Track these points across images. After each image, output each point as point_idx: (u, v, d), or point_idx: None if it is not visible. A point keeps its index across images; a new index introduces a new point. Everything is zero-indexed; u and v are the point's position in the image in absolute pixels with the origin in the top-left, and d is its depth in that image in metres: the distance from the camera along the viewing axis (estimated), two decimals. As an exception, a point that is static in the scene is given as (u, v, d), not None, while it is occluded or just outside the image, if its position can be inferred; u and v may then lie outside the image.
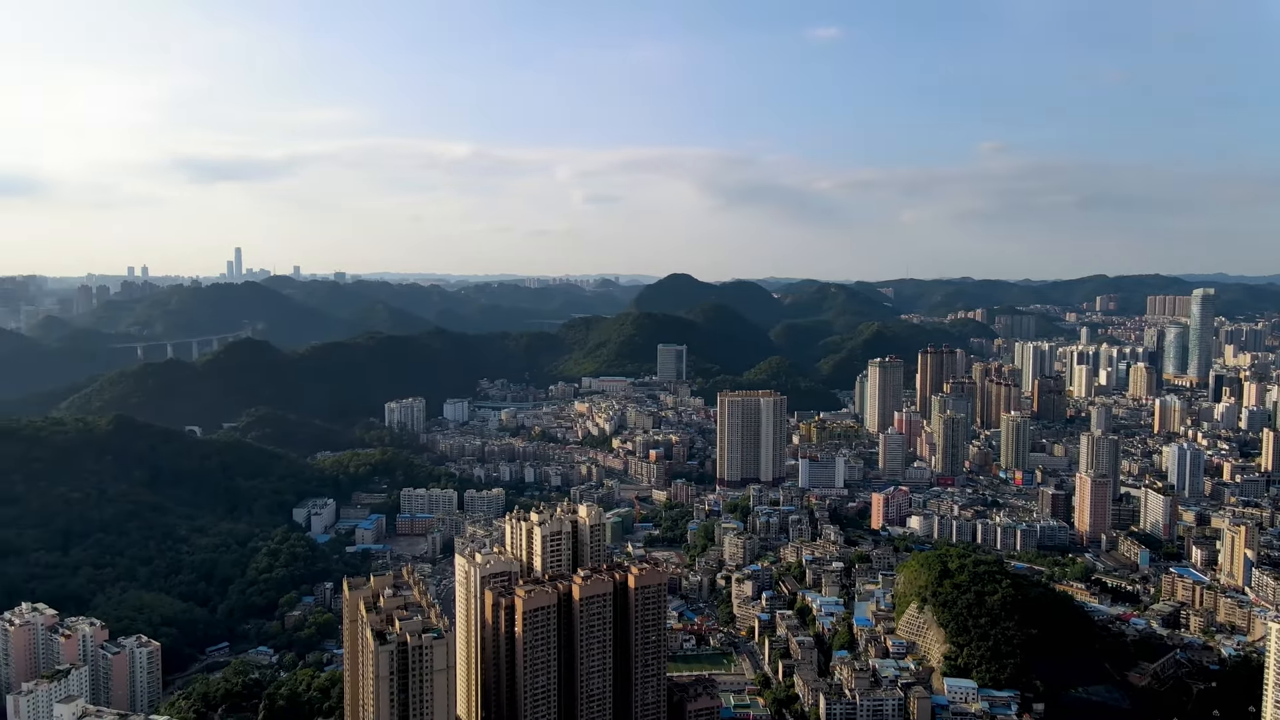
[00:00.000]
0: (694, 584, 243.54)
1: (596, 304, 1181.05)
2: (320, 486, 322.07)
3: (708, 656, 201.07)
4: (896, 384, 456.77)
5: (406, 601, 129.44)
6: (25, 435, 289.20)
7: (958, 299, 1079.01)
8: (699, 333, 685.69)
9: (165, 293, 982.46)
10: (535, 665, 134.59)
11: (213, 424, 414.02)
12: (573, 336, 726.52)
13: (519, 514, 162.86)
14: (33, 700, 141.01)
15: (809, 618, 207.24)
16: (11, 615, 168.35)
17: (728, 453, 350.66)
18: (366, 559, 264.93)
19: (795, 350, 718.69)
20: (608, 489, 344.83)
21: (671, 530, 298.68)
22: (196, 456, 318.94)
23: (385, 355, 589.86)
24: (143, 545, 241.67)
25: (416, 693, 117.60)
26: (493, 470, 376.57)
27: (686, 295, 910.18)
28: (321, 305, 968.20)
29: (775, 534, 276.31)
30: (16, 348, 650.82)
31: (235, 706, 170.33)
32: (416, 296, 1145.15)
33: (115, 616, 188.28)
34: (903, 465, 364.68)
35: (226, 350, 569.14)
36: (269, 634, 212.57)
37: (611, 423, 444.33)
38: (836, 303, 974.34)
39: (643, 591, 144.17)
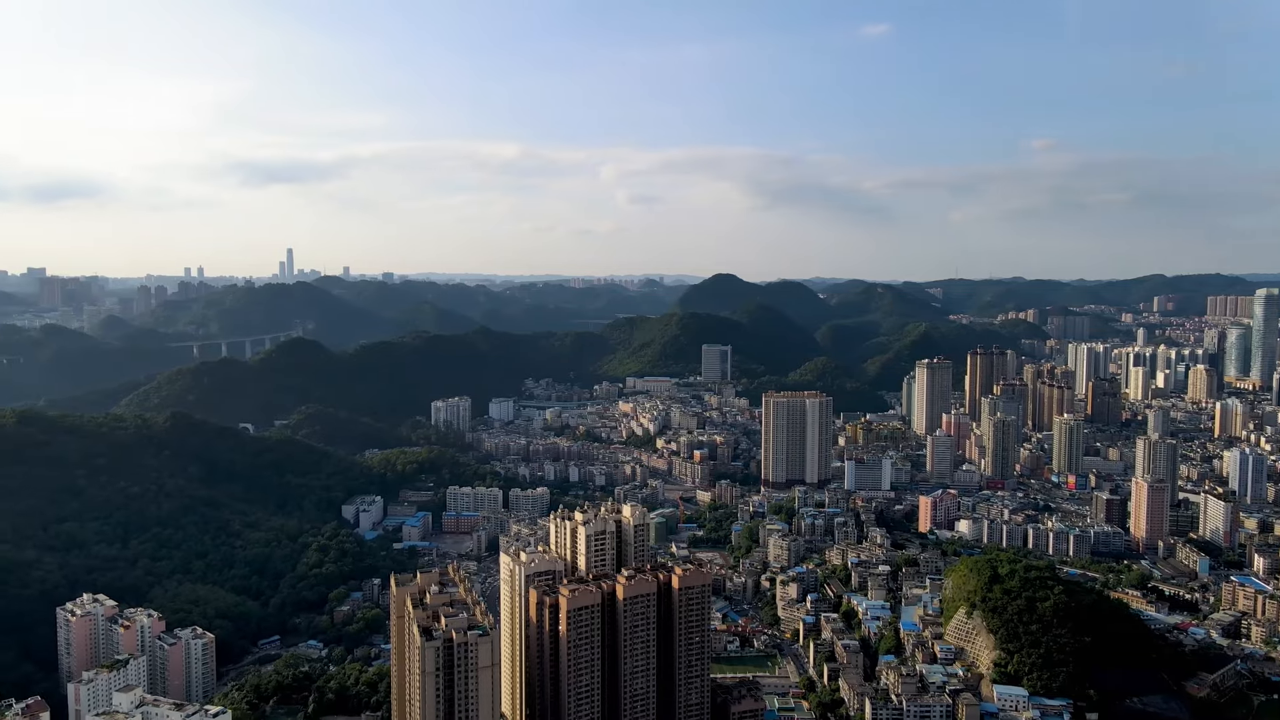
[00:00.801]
0: (738, 585, 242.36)
1: (641, 304, 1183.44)
2: (368, 484, 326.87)
3: (752, 658, 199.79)
4: (945, 385, 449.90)
5: (452, 599, 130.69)
6: (87, 431, 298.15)
7: (1008, 299, 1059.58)
8: (744, 333, 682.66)
9: (220, 293, 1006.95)
10: (579, 664, 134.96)
11: (265, 421, 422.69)
12: (617, 336, 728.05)
13: (563, 513, 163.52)
14: (93, 689, 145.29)
15: (854, 621, 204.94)
16: (74, 606, 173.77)
17: (772, 454, 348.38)
18: (413, 556, 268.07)
19: (841, 351, 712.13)
20: (652, 489, 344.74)
21: (715, 531, 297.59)
22: (250, 453, 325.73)
23: (432, 354, 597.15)
24: (198, 539, 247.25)
25: (462, 689, 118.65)
26: (537, 469, 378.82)
27: (731, 295, 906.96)
28: (370, 305, 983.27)
29: (820, 536, 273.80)
30: (80, 346, 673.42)
31: (286, 698, 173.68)
32: (463, 296, 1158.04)
33: (172, 608, 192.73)
34: (951, 468, 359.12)
35: (279, 349, 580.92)
36: (319, 628, 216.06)
37: (656, 423, 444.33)
38: (883, 303, 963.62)
39: (687, 592, 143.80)
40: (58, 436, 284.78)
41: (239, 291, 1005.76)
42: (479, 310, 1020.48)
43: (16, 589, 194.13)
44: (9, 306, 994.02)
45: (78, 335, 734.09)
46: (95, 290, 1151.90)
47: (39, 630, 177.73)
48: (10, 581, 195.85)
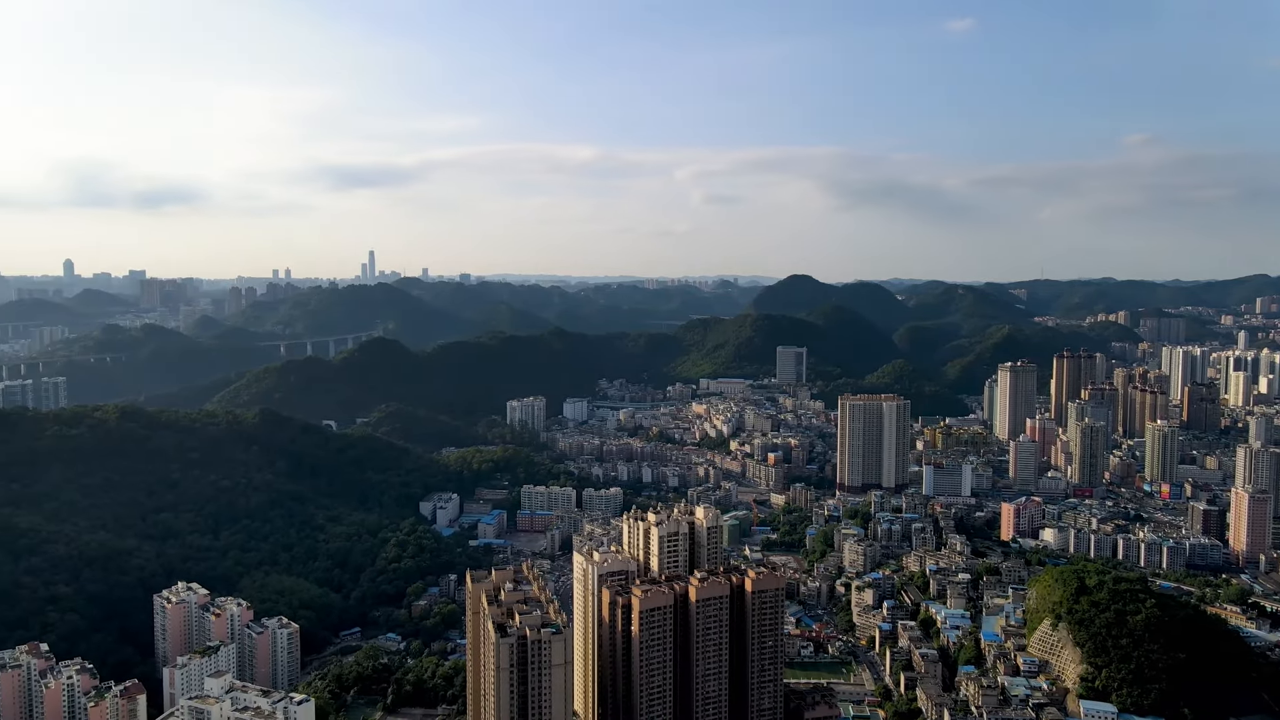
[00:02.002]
0: (812, 590, 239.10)
1: (715, 305, 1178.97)
2: (445, 481, 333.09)
3: (826, 664, 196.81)
4: (1029, 389, 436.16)
5: (526, 596, 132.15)
6: (182, 427, 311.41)
7: (1098, 300, 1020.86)
8: (819, 335, 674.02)
9: (306, 294, 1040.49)
10: (651, 665, 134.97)
11: (347, 418, 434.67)
12: (691, 337, 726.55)
13: (636, 514, 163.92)
14: (186, 673, 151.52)
15: (933, 630, 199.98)
16: (169, 593, 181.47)
17: (848, 457, 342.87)
18: (488, 553, 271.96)
19: (920, 354, 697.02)
20: (725, 491, 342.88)
21: (789, 534, 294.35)
22: (332, 449, 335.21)
23: (507, 354, 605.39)
24: (284, 532, 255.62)
25: (535, 686, 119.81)
26: (611, 469, 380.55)
27: (807, 297, 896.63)
28: (448, 306, 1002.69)
29: (897, 542, 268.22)
30: (176, 345, 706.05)
31: (366, 689, 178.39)
32: (538, 297, 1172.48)
33: (259, 598, 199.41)
34: (1035, 475, 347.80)
35: (360, 348, 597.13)
36: (397, 621, 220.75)
37: (729, 425, 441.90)
38: (964, 304, 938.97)
39: (760, 595, 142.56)
40: (156, 431, 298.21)
41: (323, 293, 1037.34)
42: (554, 311, 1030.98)
43: (117, 575, 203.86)
44: (112, 307, 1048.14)
45: (174, 334, 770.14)
46: (190, 291, 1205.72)
47: (137, 616, 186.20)
48: (111, 569, 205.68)
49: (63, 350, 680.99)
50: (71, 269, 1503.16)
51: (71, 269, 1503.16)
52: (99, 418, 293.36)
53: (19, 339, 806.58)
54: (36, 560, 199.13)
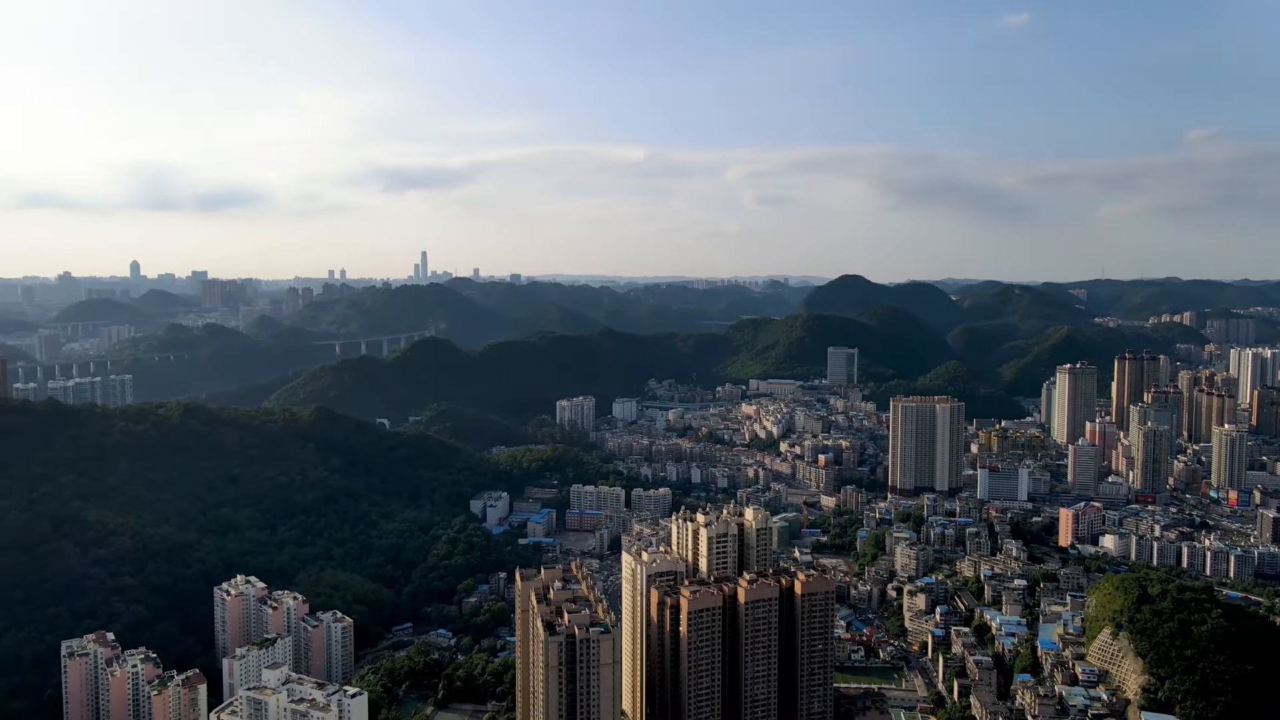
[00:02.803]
0: (863, 594, 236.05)
1: (765, 305, 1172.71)
2: (495, 480, 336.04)
3: (877, 669, 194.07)
4: (1089, 392, 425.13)
5: (575, 595, 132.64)
6: (242, 424, 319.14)
7: (1161, 301, 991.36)
8: (871, 336, 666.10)
9: (360, 294, 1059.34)
10: (699, 666, 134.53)
11: (400, 417, 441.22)
12: (740, 338, 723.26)
13: (685, 514, 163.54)
14: (245, 664, 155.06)
15: (987, 636, 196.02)
16: (229, 586, 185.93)
17: (901, 460, 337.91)
18: (537, 552, 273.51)
19: (974, 355, 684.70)
20: (774, 493, 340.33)
21: (840, 537, 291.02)
22: (385, 447, 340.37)
23: (557, 354, 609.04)
24: (338, 528, 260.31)
25: (583, 684, 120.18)
26: (660, 470, 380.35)
27: (858, 297, 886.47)
28: (498, 306, 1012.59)
29: (951, 546, 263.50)
30: (236, 344, 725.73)
31: (417, 684, 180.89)
32: (587, 297, 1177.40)
33: (314, 592, 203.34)
34: (1095, 479, 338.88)
35: (413, 348, 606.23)
36: (448, 618, 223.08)
37: (779, 426, 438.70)
38: (1021, 305, 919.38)
39: (810, 598, 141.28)
40: (217, 428, 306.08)
41: (377, 293, 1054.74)
42: (603, 311, 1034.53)
43: (180, 568, 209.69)
44: (176, 307, 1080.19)
45: (234, 334, 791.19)
46: (250, 292, 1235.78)
47: (198, 608, 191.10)
48: (175, 561, 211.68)
49: (129, 349, 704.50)
50: (138, 270, 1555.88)
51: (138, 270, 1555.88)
52: (163, 414, 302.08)
53: (89, 338, 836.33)
54: (104, 552, 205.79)
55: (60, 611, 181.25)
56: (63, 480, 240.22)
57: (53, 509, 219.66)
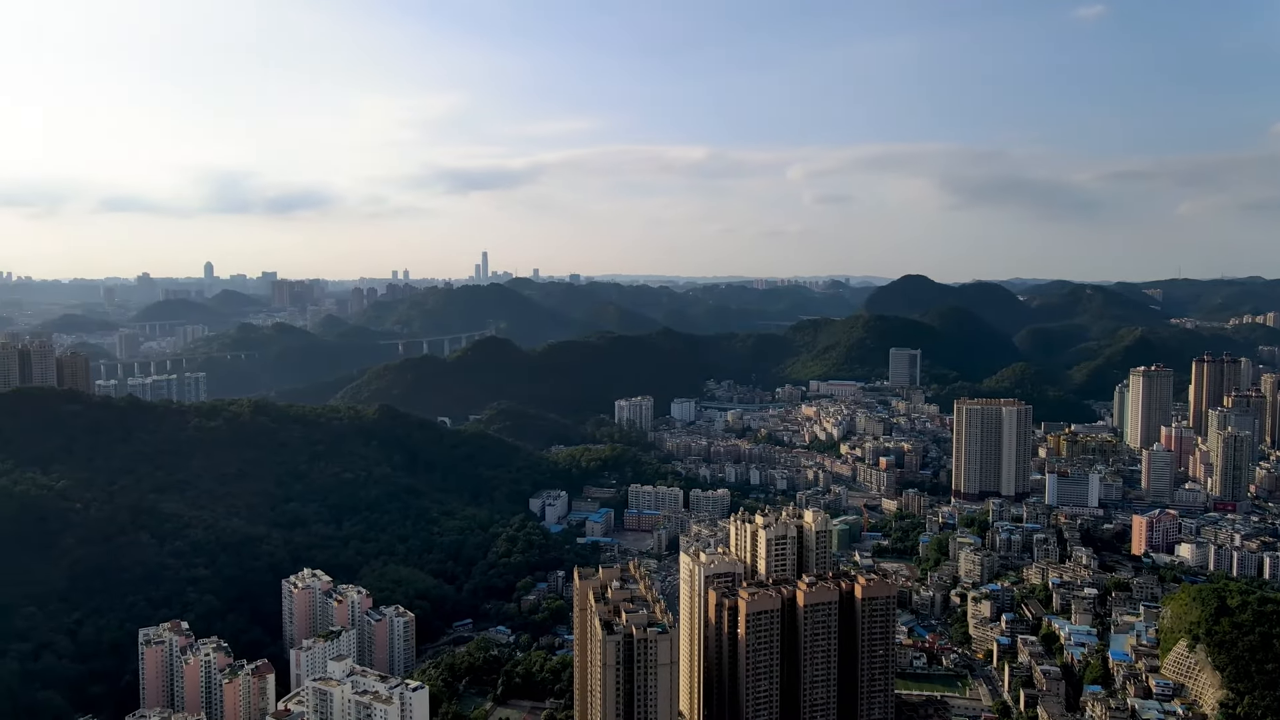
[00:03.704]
0: (925, 599, 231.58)
1: (825, 305, 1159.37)
2: (553, 479, 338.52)
3: (939, 677, 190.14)
4: (1164, 395, 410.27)
5: (633, 595, 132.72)
6: (309, 420, 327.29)
7: (1243, 301, 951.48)
8: (934, 337, 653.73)
9: (423, 294, 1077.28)
10: (757, 669, 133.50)
11: (460, 415, 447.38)
12: (800, 338, 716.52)
13: (744, 515, 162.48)
14: (311, 656, 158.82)
15: (1055, 646, 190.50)
16: (296, 579, 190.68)
17: (965, 464, 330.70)
18: (596, 551, 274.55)
19: (1042, 357, 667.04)
20: (834, 495, 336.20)
21: (902, 541, 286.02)
22: (447, 445, 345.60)
23: (615, 354, 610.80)
24: (401, 524, 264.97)
25: (641, 684, 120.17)
26: (718, 471, 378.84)
27: (921, 297, 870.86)
28: (557, 306, 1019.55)
29: (1017, 553, 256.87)
30: (303, 343, 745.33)
31: (477, 679, 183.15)
32: (646, 297, 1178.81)
33: (377, 587, 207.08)
34: (1170, 486, 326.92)
35: (473, 347, 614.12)
36: (507, 614, 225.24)
37: (840, 428, 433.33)
38: (1092, 305, 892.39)
39: (870, 603, 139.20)
40: (285, 425, 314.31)
41: (439, 293, 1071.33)
42: (662, 311, 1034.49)
43: (250, 560, 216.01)
44: (247, 307, 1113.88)
45: (302, 333, 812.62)
46: (317, 292, 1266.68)
47: (266, 599, 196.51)
48: (245, 554, 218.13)
49: (203, 347, 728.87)
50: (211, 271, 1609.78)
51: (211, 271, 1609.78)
52: (234, 411, 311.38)
53: (165, 336, 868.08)
54: (179, 544, 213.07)
55: (138, 600, 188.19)
56: (141, 473, 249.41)
57: (131, 501, 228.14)
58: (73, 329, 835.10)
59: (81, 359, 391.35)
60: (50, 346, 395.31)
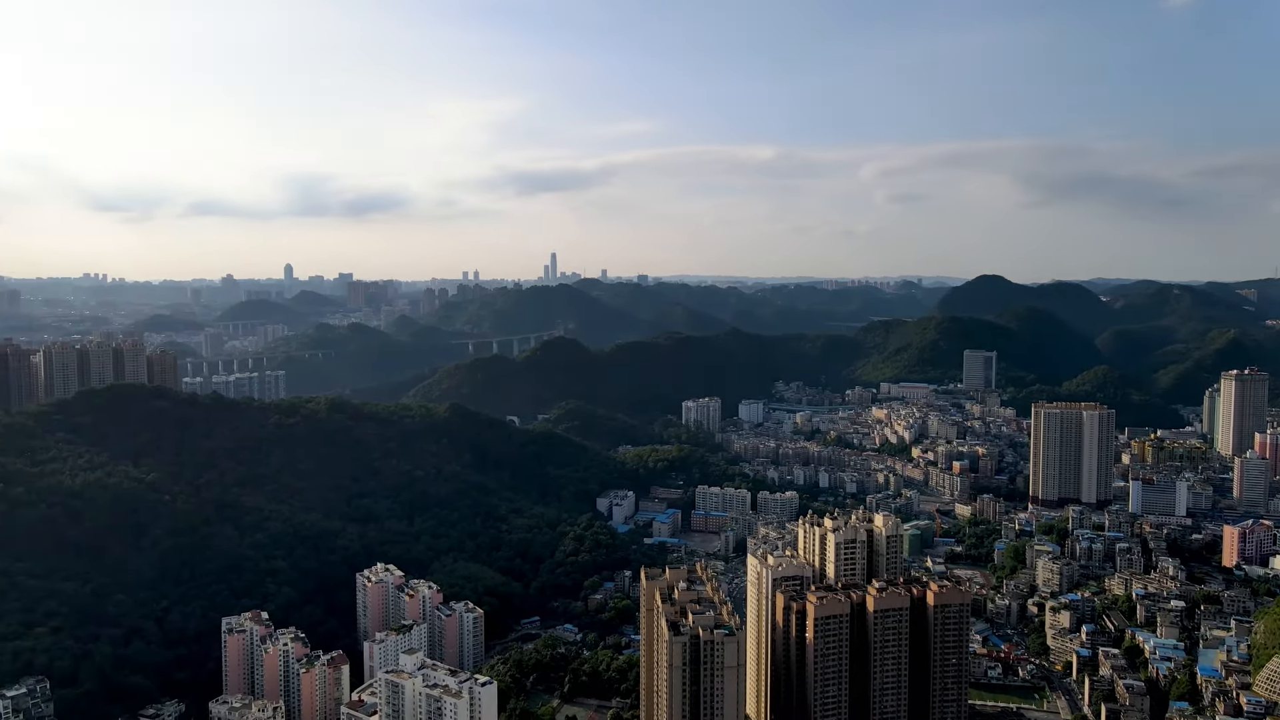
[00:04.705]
0: (1000, 608, 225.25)
1: (897, 306, 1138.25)
2: (621, 479, 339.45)
3: (1016, 688, 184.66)
4: (1259, 400, 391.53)
5: (700, 596, 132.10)
6: (382, 419, 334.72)
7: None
8: (1011, 338, 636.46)
9: (492, 294, 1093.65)
10: (826, 674, 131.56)
11: (529, 414, 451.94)
12: (871, 340, 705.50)
13: (812, 518, 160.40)
14: (384, 648, 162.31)
15: (1139, 659, 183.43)
16: (369, 573, 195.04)
17: (1043, 469, 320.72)
18: (662, 551, 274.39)
19: (1126, 359, 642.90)
20: (906, 499, 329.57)
21: (976, 548, 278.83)
22: (515, 444, 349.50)
23: (683, 355, 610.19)
24: (470, 521, 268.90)
25: (707, 686, 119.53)
26: (786, 473, 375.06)
27: (997, 298, 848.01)
28: (625, 306, 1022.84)
29: (1099, 562, 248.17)
30: (377, 342, 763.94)
31: (544, 676, 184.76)
32: (714, 298, 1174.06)
33: (447, 583, 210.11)
34: (1265, 495, 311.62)
35: (542, 347, 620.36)
36: (574, 613, 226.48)
37: (911, 431, 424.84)
38: (1180, 306, 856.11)
39: (943, 610, 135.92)
40: (360, 422, 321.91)
41: (509, 293, 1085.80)
42: (730, 312, 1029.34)
43: (326, 554, 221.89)
44: (324, 307, 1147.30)
45: (376, 332, 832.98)
46: (390, 292, 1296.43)
47: (341, 592, 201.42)
48: (321, 547, 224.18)
49: (282, 346, 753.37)
50: (291, 273, 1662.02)
51: (291, 273, 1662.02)
52: (312, 409, 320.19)
53: (248, 336, 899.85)
54: (259, 536, 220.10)
55: (220, 590, 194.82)
56: (224, 468, 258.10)
57: (215, 494, 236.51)
58: (162, 328, 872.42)
59: (170, 357, 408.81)
60: (141, 345, 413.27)
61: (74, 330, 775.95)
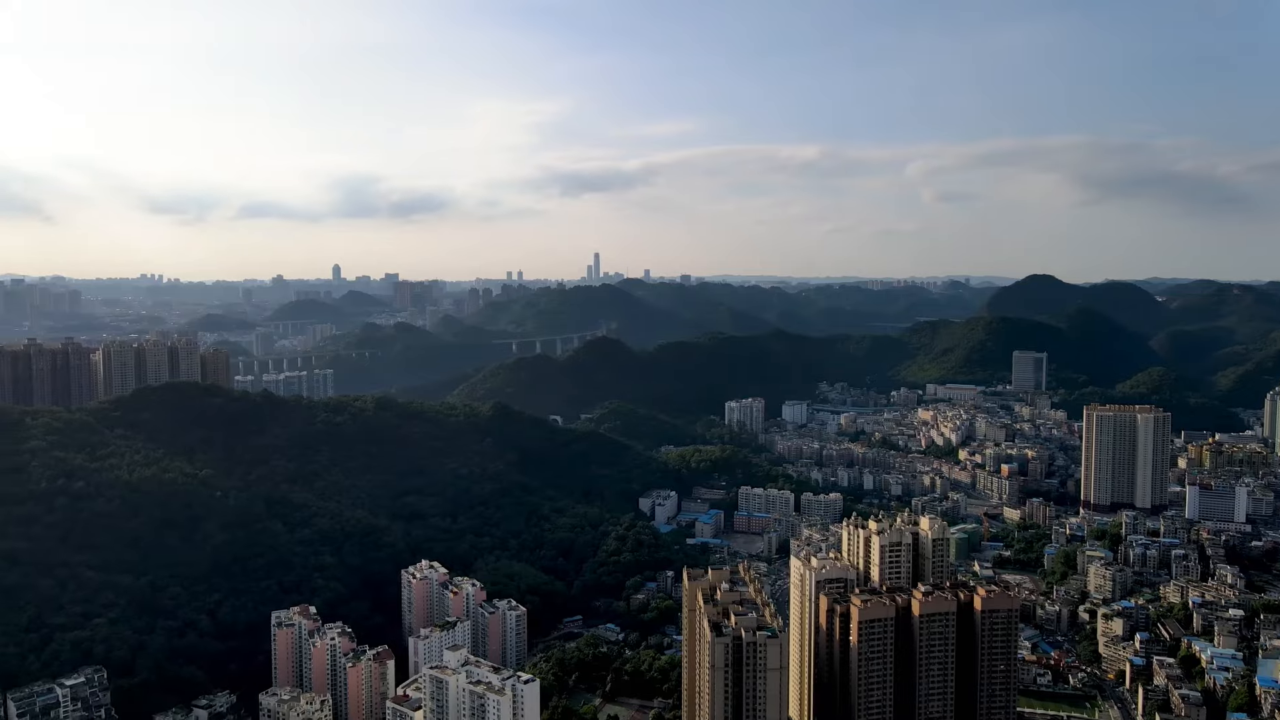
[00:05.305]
0: (1050, 614, 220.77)
1: (944, 307, 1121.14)
2: (663, 479, 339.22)
3: (1066, 696, 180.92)
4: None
5: (742, 597, 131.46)
6: (428, 417, 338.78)
7: None
8: (1062, 339, 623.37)
9: (536, 294, 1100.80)
10: (870, 678, 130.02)
11: (572, 414, 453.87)
12: (917, 341, 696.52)
13: (857, 521, 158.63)
14: (428, 644, 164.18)
15: (1195, 669, 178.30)
16: (414, 570, 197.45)
17: (1095, 473, 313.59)
18: (705, 552, 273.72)
19: (1182, 361, 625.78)
20: (952, 502, 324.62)
21: (1025, 553, 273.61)
22: (558, 443, 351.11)
23: (726, 355, 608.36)
24: (514, 519, 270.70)
25: (750, 688, 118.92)
26: (830, 474, 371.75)
27: (1048, 298, 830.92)
28: (668, 306, 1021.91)
29: (1153, 569, 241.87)
30: (423, 342, 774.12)
31: (586, 675, 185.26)
32: (758, 298, 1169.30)
33: (491, 580, 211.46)
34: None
35: (585, 347, 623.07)
36: (616, 612, 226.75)
37: (958, 433, 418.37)
38: (1240, 306, 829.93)
39: (991, 615, 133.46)
40: (405, 421, 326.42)
41: (552, 293, 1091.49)
42: (773, 312, 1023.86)
43: (372, 550, 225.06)
44: (371, 307, 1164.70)
45: (421, 332, 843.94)
46: (436, 292, 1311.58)
47: (387, 588, 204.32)
48: (368, 544, 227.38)
49: (331, 346, 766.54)
50: (339, 273, 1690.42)
51: (339, 273, 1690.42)
52: (359, 407, 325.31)
53: (297, 335, 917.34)
54: (308, 532, 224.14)
55: (270, 584, 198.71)
56: (274, 464, 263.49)
57: (265, 490, 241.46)
58: (215, 328, 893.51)
59: (222, 356, 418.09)
60: (195, 344, 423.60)
61: (131, 329, 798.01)
